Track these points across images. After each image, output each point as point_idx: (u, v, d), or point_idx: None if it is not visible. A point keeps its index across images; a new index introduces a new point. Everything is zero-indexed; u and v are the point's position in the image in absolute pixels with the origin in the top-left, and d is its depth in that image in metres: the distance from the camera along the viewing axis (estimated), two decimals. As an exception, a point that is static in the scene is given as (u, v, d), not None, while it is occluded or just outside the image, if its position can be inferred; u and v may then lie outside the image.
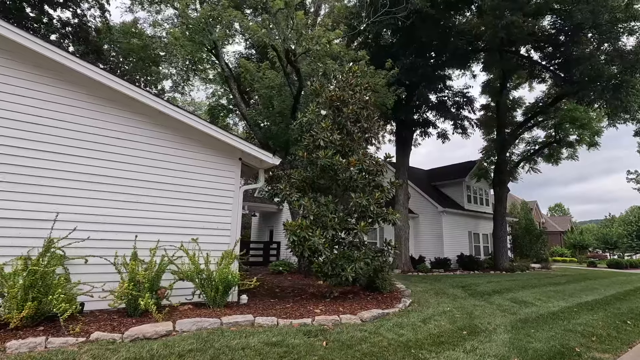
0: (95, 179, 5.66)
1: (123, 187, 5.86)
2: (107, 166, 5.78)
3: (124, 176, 5.90)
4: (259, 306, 6.26)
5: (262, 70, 11.18)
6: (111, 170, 5.80)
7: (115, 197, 5.77)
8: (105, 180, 5.74)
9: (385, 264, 7.41)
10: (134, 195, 5.92)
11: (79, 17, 26.19)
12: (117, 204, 5.75)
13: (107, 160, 5.80)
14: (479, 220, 24.02)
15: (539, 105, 21.49)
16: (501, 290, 10.65)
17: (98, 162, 5.72)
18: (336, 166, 6.72)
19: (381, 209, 6.91)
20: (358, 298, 7.34)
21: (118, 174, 5.86)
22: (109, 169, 5.79)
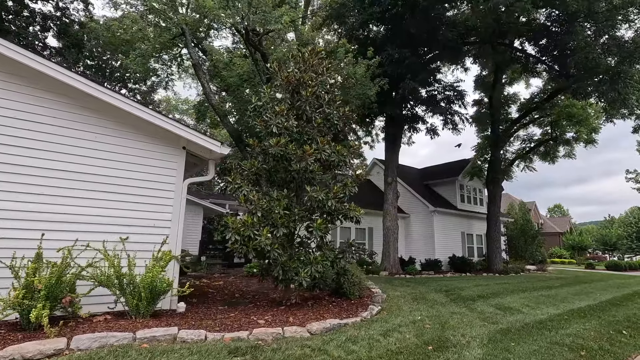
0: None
1: (29, 177, 4.99)
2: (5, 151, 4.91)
3: (31, 164, 5.03)
4: (197, 315, 5.44)
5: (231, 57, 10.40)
6: (11, 157, 4.93)
7: (17, 187, 4.91)
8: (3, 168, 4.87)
9: (354, 265, 6.58)
10: (43, 187, 5.06)
11: (61, 10, 25.47)
12: (20, 196, 4.89)
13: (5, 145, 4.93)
14: (473, 220, 23.21)
15: (535, 101, 20.70)
16: (487, 295, 9.83)
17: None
18: (290, 156, 5.92)
19: (342, 205, 6.09)
20: (319, 305, 6.52)
21: (22, 161, 4.98)
22: (8, 155, 4.92)
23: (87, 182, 5.40)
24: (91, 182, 5.44)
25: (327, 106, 6.59)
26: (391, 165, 19.04)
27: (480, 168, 21.78)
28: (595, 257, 44.91)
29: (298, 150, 5.92)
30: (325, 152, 6.14)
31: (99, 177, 5.51)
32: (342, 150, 6.29)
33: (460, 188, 23.37)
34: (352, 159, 6.60)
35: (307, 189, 5.80)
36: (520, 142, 23.06)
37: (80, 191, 5.33)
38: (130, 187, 5.70)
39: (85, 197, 5.35)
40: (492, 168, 20.46)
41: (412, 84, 14.28)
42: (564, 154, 22.98)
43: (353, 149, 6.48)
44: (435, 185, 24.49)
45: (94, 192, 5.43)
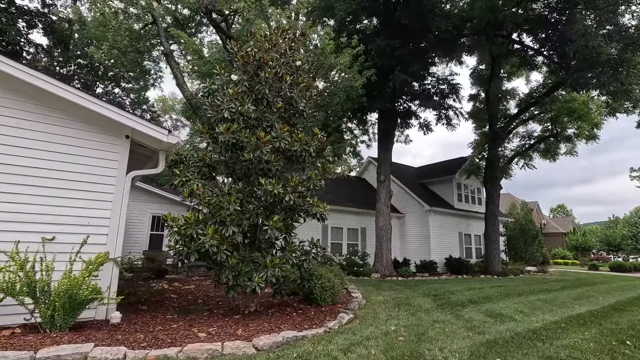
0: None
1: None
2: None
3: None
4: (132, 327, 4.73)
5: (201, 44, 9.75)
6: None
7: None
8: None
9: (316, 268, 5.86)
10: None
11: (48, 7, 24.94)
12: None
13: None
14: (471, 220, 22.40)
15: (534, 96, 19.89)
16: (479, 300, 9.06)
17: None
18: (243, 144, 5.22)
19: (303, 200, 5.36)
20: (281, 314, 5.80)
21: None
22: None
23: (5, 175, 4.71)
24: (11, 174, 4.74)
25: (289, 89, 5.86)
26: (384, 163, 18.30)
27: (478, 166, 20.98)
28: (599, 257, 43.86)
29: (252, 137, 5.21)
30: (285, 141, 5.43)
31: (21, 168, 4.82)
32: (305, 139, 5.57)
33: (458, 187, 22.58)
34: (327, 150, 5.87)
35: (262, 181, 5.08)
36: (520, 139, 22.25)
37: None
38: (59, 181, 5.01)
39: (3, 191, 4.66)
40: (490, 166, 19.66)
41: (402, 76, 13.54)
42: (565, 151, 22.15)
43: (318, 138, 5.74)
44: (431, 184, 23.71)
45: (13, 186, 4.74)
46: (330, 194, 20.17)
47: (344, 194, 21.19)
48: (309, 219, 5.72)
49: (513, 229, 23.21)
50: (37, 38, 63.17)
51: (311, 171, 5.63)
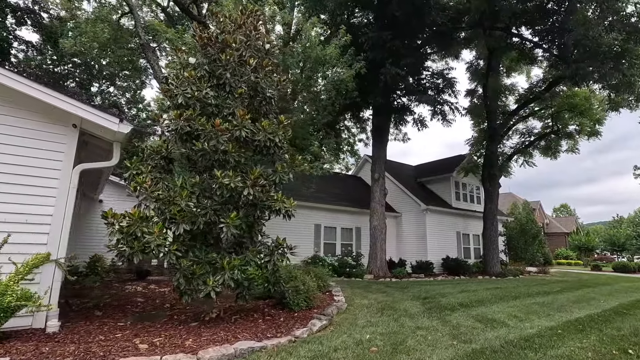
0: None
1: None
2: None
3: None
4: (69, 337, 4.23)
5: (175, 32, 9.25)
6: None
7: None
8: None
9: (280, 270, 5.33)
10: None
11: (38, 3, 24.56)
12: None
13: None
14: (469, 219, 21.79)
15: (534, 91, 19.26)
16: (471, 303, 8.50)
17: None
18: (198, 132, 4.71)
19: (266, 195, 4.82)
20: (245, 320, 5.27)
21: None
22: None
23: None
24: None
25: (254, 73, 5.33)
26: (378, 161, 17.76)
27: (476, 164, 20.39)
28: (603, 258, 43.04)
29: (207, 124, 4.70)
30: (247, 129, 4.91)
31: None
32: (270, 127, 5.04)
33: (456, 185, 21.99)
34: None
35: (217, 173, 4.56)
36: (519, 136, 21.61)
37: None
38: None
39: None
40: (488, 163, 19.06)
41: (394, 69, 13.00)
42: (566, 149, 21.52)
43: (284, 126, 5.21)
44: (429, 183, 23.13)
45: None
46: (323, 192, 19.65)
47: (338, 192, 20.66)
48: (274, 216, 5.18)
49: (513, 228, 22.60)
50: (26, 35, 62.76)
51: (278, 163, 5.12)
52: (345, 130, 34.81)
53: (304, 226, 17.22)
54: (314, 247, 17.09)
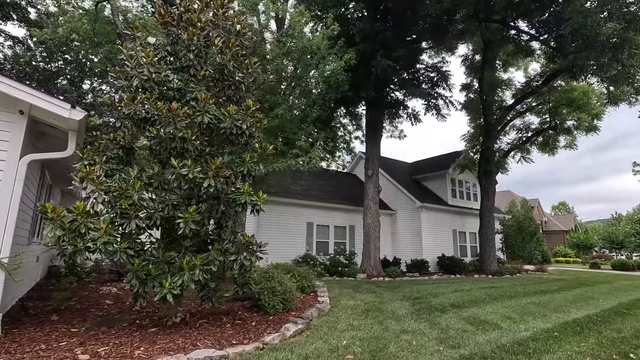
0: None
1: None
2: None
3: None
4: (7, 346, 3.78)
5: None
6: None
7: None
8: None
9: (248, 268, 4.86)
10: None
11: (27, 0, 24.01)
12: None
13: None
14: (466, 217, 21.37)
15: (531, 86, 18.84)
16: (463, 304, 8.07)
17: None
18: (155, 118, 4.27)
19: (231, 187, 4.36)
20: (211, 325, 4.84)
21: None
22: None
23: None
24: None
25: (220, 55, 4.87)
26: (372, 157, 17.31)
27: (472, 160, 19.96)
28: (601, 255, 42.73)
29: (163, 109, 4.25)
30: (210, 115, 4.45)
31: None
32: (238, 114, 4.57)
33: (452, 182, 21.56)
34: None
35: (173, 162, 4.11)
36: (516, 132, 21.23)
37: None
38: None
39: None
40: (485, 159, 18.64)
41: (385, 61, 12.55)
42: (564, 145, 21.13)
43: (253, 112, 4.75)
44: (424, 180, 22.71)
45: None
46: (316, 190, 19.23)
47: (332, 190, 20.22)
48: (245, 211, 4.71)
49: (510, 226, 22.19)
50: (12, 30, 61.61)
51: (246, 153, 4.67)
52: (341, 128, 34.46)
53: (296, 224, 16.78)
54: (306, 246, 16.65)
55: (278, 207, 16.27)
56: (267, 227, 15.76)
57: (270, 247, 15.85)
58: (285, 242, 16.01)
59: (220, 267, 4.40)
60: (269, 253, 15.40)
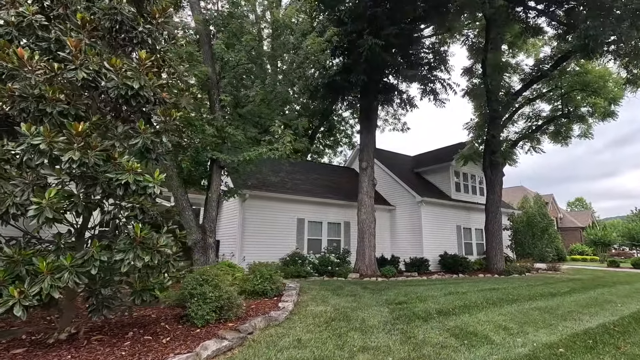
0: None
1: None
2: None
3: None
4: None
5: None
6: None
7: None
8: None
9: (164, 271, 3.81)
10: None
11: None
12: None
13: None
14: (471, 212, 19.99)
15: (541, 69, 17.32)
16: (453, 310, 6.88)
17: None
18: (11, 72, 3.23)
19: (110, 163, 3.29)
20: (106, 342, 3.81)
21: None
22: None
23: None
24: None
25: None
26: (366, 148, 16.12)
27: (477, 151, 18.53)
28: (621, 253, 40.42)
29: (13, 58, 3.22)
30: (87, 70, 3.40)
31: None
32: (130, 70, 3.50)
33: (456, 175, 20.19)
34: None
35: (23, 129, 3.08)
36: (525, 121, 19.68)
37: None
38: None
39: None
40: (490, 149, 17.24)
41: (373, 40, 11.35)
42: (579, 134, 19.51)
43: (149, 67, 3.67)
44: (426, 173, 21.39)
45: None
46: (309, 184, 18.15)
47: (326, 184, 19.11)
48: (122, 194, 3.61)
49: (520, 221, 20.69)
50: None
51: (140, 121, 3.62)
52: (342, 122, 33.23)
53: (285, 221, 15.72)
54: (297, 244, 15.58)
55: (265, 202, 15.26)
56: (254, 223, 14.76)
57: (256, 245, 14.76)
58: (273, 239, 14.98)
59: (105, 269, 3.39)
60: (254, 252, 14.37)
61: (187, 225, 9.59)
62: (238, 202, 14.65)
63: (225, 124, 9.15)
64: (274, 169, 14.76)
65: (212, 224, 9.97)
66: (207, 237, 9.80)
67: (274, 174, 17.39)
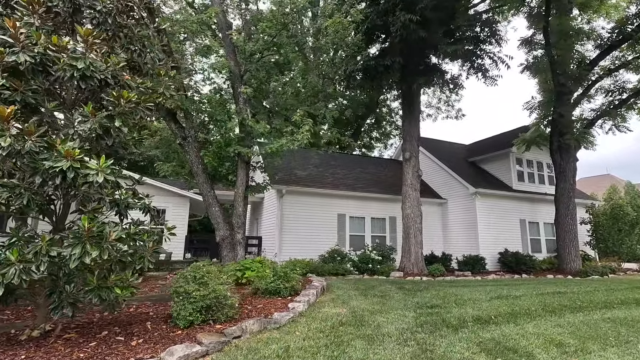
0: None
1: None
2: None
3: None
4: None
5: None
6: None
7: None
8: None
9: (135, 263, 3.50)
10: None
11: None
12: None
13: None
14: (539, 204, 17.58)
15: (624, 31, 14.48)
16: (495, 318, 5.75)
17: None
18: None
19: (45, 151, 2.95)
20: (74, 341, 3.61)
21: None
22: None
23: None
24: None
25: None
26: (409, 137, 14.93)
27: (542, 134, 16.17)
28: None
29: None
30: (30, 53, 3.11)
31: None
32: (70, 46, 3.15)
33: (518, 163, 17.90)
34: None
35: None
36: (605, 95, 16.69)
37: None
38: None
39: None
40: (558, 131, 14.90)
41: (405, 15, 10.28)
42: (680, 107, 16.05)
43: (95, 44, 3.30)
44: (483, 163, 19.32)
45: None
46: (351, 178, 17.43)
47: (369, 177, 18.24)
48: (60, 183, 3.27)
49: (602, 214, 17.69)
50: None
51: (89, 103, 3.32)
52: (391, 113, 31.68)
53: (325, 216, 15.23)
54: (337, 241, 14.99)
55: (304, 198, 14.92)
56: (292, 219, 14.50)
57: (295, 242, 14.47)
58: (312, 236, 14.58)
59: (53, 265, 3.17)
60: (293, 248, 14.09)
61: (215, 221, 9.56)
62: (276, 198, 14.51)
63: (246, 116, 8.89)
64: (313, 163, 14.34)
65: (240, 220, 9.81)
66: (235, 233, 9.67)
67: (314, 168, 17.06)
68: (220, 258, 9.55)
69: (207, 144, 9.24)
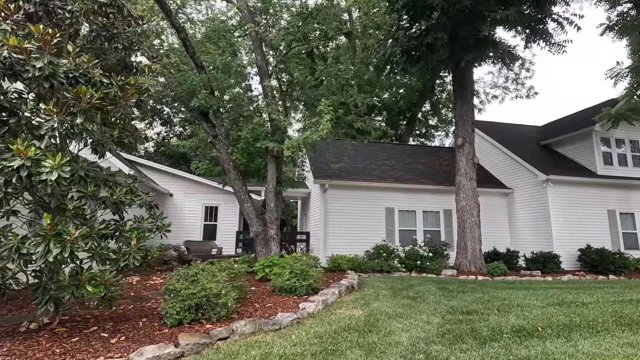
0: None
1: None
2: None
3: None
4: None
5: None
6: None
7: None
8: None
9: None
10: None
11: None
12: None
13: None
14: (634, 192, 14.71)
15: None
16: (543, 330, 4.71)
17: None
18: None
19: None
20: (61, 336, 3.67)
21: None
22: None
23: None
24: None
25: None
26: (462, 120, 13.56)
27: (635, 106, 13.36)
28: None
29: None
30: None
31: None
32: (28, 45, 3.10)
33: (604, 143, 15.15)
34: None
35: None
36: None
37: None
38: None
39: None
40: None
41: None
42: None
43: (49, 37, 3.21)
44: (558, 145, 16.75)
45: None
46: (400, 169, 16.41)
47: (420, 168, 17.01)
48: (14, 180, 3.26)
49: None
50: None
51: (51, 102, 3.26)
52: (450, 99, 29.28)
53: (372, 211, 14.57)
54: (385, 236, 14.23)
55: (348, 192, 14.45)
56: (336, 214, 14.11)
57: (340, 237, 14.11)
58: (358, 231, 14.04)
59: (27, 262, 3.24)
60: (338, 244, 13.72)
61: (248, 217, 9.62)
62: (320, 192, 14.26)
63: (271, 110, 8.73)
64: (361, 155, 13.80)
65: (272, 215, 9.73)
66: (268, 228, 9.62)
67: (361, 160, 16.43)
68: (254, 253, 9.59)
69: (236, 140, 9.31)
